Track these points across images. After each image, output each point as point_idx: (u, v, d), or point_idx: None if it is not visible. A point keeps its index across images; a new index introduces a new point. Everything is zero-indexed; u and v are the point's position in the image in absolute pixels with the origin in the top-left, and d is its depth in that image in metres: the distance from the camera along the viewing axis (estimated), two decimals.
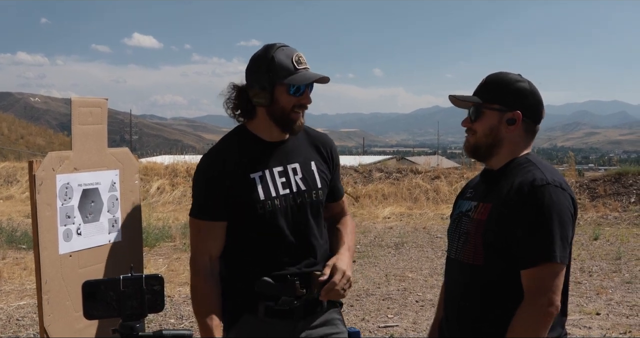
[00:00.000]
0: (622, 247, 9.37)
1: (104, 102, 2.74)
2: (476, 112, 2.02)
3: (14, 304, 6.39)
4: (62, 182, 2.53)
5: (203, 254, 2.23)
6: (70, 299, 2.53)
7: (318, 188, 2.28)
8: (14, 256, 8.99)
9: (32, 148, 46.07)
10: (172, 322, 5.76)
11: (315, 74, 2.18)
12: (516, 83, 2.00)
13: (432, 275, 7.76)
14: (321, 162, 2.34)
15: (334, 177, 2.40)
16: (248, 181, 2.20)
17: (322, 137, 2.40)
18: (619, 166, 16.22)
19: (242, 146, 2.26)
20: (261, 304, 2.19)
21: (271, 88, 2.15)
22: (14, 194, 18.01)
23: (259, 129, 2.26)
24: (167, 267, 8.28)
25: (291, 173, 2.25)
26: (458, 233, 2.03)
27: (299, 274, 2.18)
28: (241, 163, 2.21)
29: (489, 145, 2.01)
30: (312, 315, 2.24)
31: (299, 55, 2.18)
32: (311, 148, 2.34)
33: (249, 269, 2.23)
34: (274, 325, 2.19)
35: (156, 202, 16.22)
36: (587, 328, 5.52)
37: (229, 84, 2.27)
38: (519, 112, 1.97)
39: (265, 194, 2.20)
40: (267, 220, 2.20)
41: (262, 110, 2.21)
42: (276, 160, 2.25)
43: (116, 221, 2.78)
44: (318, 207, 2.30)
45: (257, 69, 2.18)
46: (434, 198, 15.39)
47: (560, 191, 1.86)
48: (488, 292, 1.92)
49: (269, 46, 2.20)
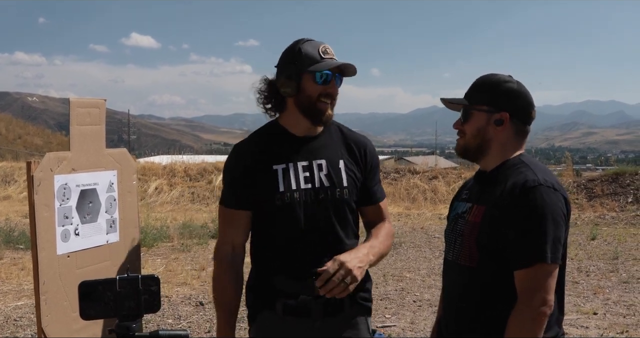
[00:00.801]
0: (619, 247, 9.39)
1: (102, 103, 2.75)
2: (465, 114, 2.04)
3: (12, 304, 6.39)
4: (60, 183, 2.53)
5: (226, 242, 2.26)
6: (68, 300, 2.53)
7: (343, 187, 2.23)
8: (11, 256, 8.99)
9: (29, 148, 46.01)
10: (169, 322, 5.76)
11: (340, 61, 2.18)
12: (504, 84, 2.00)
13: (429, 275, 7.77)
14: (351, 162, 2.28)
15: (368, 178, 2.33)
16: (270, 172, 2.19)
17: (357, 137, 2.35)
18: (616, 166, 16.26)
19: (270, 139, 2.26)
20: (279, 301, 2.18)
21: (298, 77, 2.16)
22: (12, 194, 18.00)
23: (289, 122, 2.25)
24: (165, 267, 8.28)
25: (316, 169, 2.22)
26: (454, 235, 2.04)
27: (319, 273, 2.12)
28: (266, 155, 2.22)
29: (477, 146, 2.02)
30: (332, 316, 2.19)
31: (326, 47, 2.20)
32: (343, 147, 2.29)
33: (269, 265, 2.23)
34: (291, 323, 2.17)
35: (154, 202, 16.22)
36: (585, 327, 5.53)
37: (262, 77, 2.28)
38: (506, 113, 1.98)
39: (285, 186, 2.18)
40: (284, 212, 2.18)
41: (290, 101, 2.22)
42: (303, 154, 2.23)
43: (114, 222, 2.79)
44: (342, 205, 2.23)
45: (285, 60, 2.20)
46: (431, 198, 15.42)
47: (552, 192, 1.86)
48: (485, 294, 1.93)
49: (298, 40, 2.22)
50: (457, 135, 2.08)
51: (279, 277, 2.18)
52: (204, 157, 21.32)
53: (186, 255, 9.21)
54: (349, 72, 2.22)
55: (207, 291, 6.89)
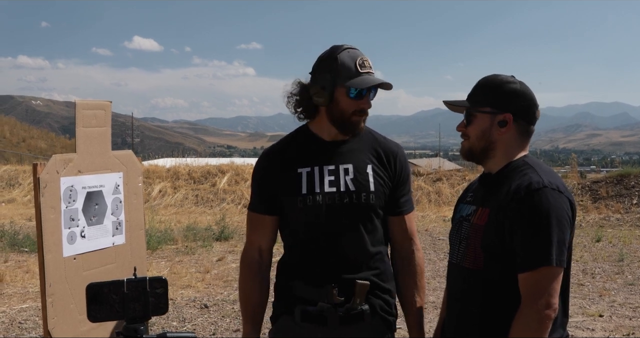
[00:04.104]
0: (624, 249, 9.36)
1: (108, 105, 2.75)
2: (468, 116, 2.02)
3: (17, 307, 6.40)
4: (66, 185, 2.53)
5: (252, 246, 2.25)
6: (74, 302, 2.53)
7: (370, 192, 2.15)
8: (16, 259, 9.00)
9: (33, 151, 46.13)
10: (174, 324, 5.76)
11: (377, 79, 2.13)
12: (507, 84, 1.99)
13: (434, 277, 7.76)
14: (379, 168, 2.21)
15: (397, 187, 2.24)
16: (295, 174, 2.17)
17: (388, 145, 2.28)
18: (621, 168, 16.21)
19: (298, 143, 2.24)
20: (298, 307, 2.15)
21: (331, 88, 2.11)
22: (16, 197, 18.04)
23: (320, 128, 2.22)
24: (170, 269, 8.28)
25: (342, 173, 2.16)
26: (459, 238, 2.03)
27: (339, 280, 2.10)
28: (293, 158, 2.19)
29: (482, 149, 2.01)
30: (350, 325, 2.11)
31: (364, 59, 2.14)
32: (372, 152, 2.23)
33: (290, 270, 2.21)
34: (308, 330, 2.14)
35: (158, 204, 16.23)
36: (590, 330, 5.51)
37: (295, 80, 2.24)
38: (510, 114, 1.97)
39: (308, 189, 2.14)
40: (306, 215, 2.14)
41: (323, 110, 2.19)
42: (330, 158, 2.18)
43: (120, 224, 2.79)
44: (368, 210, 2.16)
45: (321, 68, 2.15)
46: (436, 200, 15.40)
47: (557, 194, 1.84)
48: (489, 297, 1.92)
49: (336, 47, 2.17)
50: (461, 137, 2.06)
51: (298, 283, 2.15)
52: (207, 160, 21.35)
53: (190, 258, 9.21)
54: (384, 86, 2.17)
55: (211, 293, 6.90)
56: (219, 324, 5.75)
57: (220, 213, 14.20)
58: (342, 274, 2.11)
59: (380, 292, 2.18)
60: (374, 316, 2.15)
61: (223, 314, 6.04)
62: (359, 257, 2.14)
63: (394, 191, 2.23)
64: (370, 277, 2.14)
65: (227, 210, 15.14)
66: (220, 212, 14.94)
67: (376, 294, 2.16)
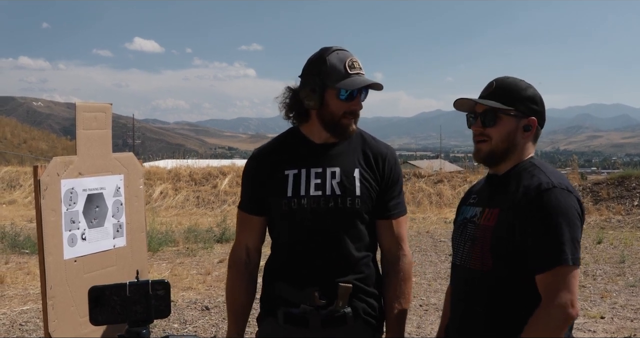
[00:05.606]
0: (625, 251, 9.35)
1: (108, 107, 2.74)
2: (493, 117, 1.98)
3: (17, 309, 6.39)
4: (67, 187, 2.53)
5: (240, 245, 2.26)
6: (75, 304, 2.52)
7: (356, 196, 2.13)
8: (17, 261, 9.00)
9: (35, 152, 46.15)
10: (175, 326, 5.75)
11: (367, 80, 2.11)
12: (528, 89, 2.00)
13: (435, 279, 7.75)
14: (367, 171, 2.18)
15: (385, 190, 2.20)
16: (281, 176, 2.16)
17: (378, 147, 2.25)
18: (622, 169, 16.21)
19: (288, 145, 2.24)
20: (281, 309, 2.15)
21: (321, 91, 2.10)
22: (17, 199, 18.06)
23: (311, 131, 2.21)
24: (171, 271, 8.28)
25: (329, 176, 2.14)
26: (463, 240, 2.02)
27: (323, 283, 2.09)
28: (281, 160, 2.19)
29: (504, 151, 1.98)
30: (332, 327, 2.11)
31: (354, 60, 2.12)
32: (361, 155, 2.20)
33: (275, 271, 2.21)
34: (291, 332, 2.14)
35: (159, 206, 16.24)
36: (592, 331, 5.51)
37: (285, 86, 2.24)
38: (534, 119, 1.97)
39: (293, 192, 2.13)
40: (291, 219, 2.14)
41: (314, 113, 2.18)
42: (317, 161, 2.17)
43: (121, 226, 2.78)
44: (352, 215, 2.13)
45: (310, 71, 2.14)
46: (437, 202, 15.39)
47: (566, 194, 1.86)
48: (495, 298, 1.92)
49: (325, 49, 2.16)
50: (476, 139, 2.02)
51: (282, 284, 2.16)
52: (208, 161, 21.35)
53: (191, 260, 9.21)
54: (375, 87, 2.16)
55: (212, 295, 6.89)
56: (220, 326, 5.74)
57: (222, 215, 14.20)
58: (325, 277, 2.10)
59: (365, 295, 2.17)
60: (356, 319, 2.14)
61: (224, 316, 6.03)
62: (343, 261, 2.13)
63: (383, 194, 2.20)
64: (354, 281, 2.13)
65: (228, 212, 15.14)
66: (221, 213, 14.94)
67: (360, 297, 2.15)
